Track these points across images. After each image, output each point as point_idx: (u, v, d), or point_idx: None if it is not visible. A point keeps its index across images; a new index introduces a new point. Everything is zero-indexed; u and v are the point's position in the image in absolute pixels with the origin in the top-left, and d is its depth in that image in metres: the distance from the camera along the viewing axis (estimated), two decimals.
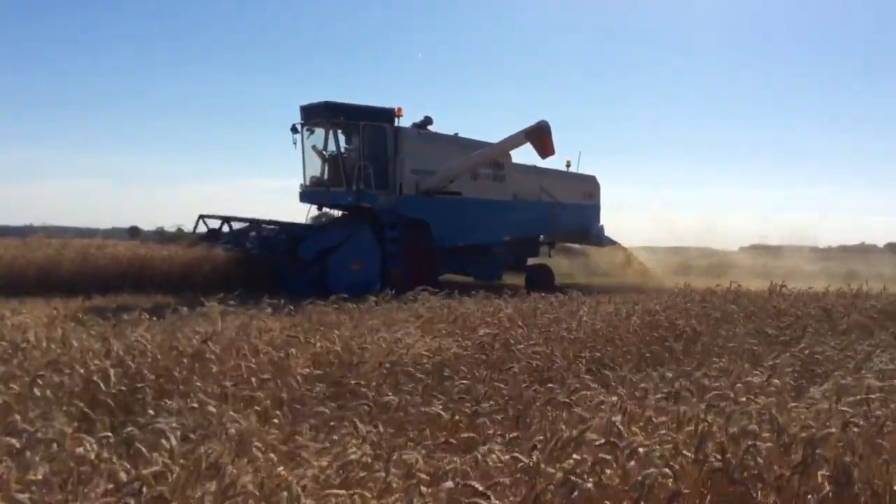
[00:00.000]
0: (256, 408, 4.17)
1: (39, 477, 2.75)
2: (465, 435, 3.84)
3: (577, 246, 24.50)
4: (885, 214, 78.43)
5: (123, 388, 4.54)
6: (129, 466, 2.89)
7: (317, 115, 18.00)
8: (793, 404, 3.77)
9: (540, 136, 17.95)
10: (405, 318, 8.16)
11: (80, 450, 2.96)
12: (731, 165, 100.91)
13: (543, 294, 10.73)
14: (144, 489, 2.62)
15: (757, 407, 3.56)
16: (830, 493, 2.91)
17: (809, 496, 2.91)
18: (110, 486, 2.71)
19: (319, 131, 18.26)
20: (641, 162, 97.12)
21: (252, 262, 16.29)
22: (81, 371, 4.59)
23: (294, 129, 18.03)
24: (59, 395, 4.24)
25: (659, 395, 4.19)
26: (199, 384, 4.67)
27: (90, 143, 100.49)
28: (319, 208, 19.07)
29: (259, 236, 17.37)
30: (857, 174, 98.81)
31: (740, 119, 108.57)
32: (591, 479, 2.69)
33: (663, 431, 3.19)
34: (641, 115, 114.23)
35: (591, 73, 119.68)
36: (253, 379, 4.89)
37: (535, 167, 20.83)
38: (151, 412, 4.15)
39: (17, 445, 3.03)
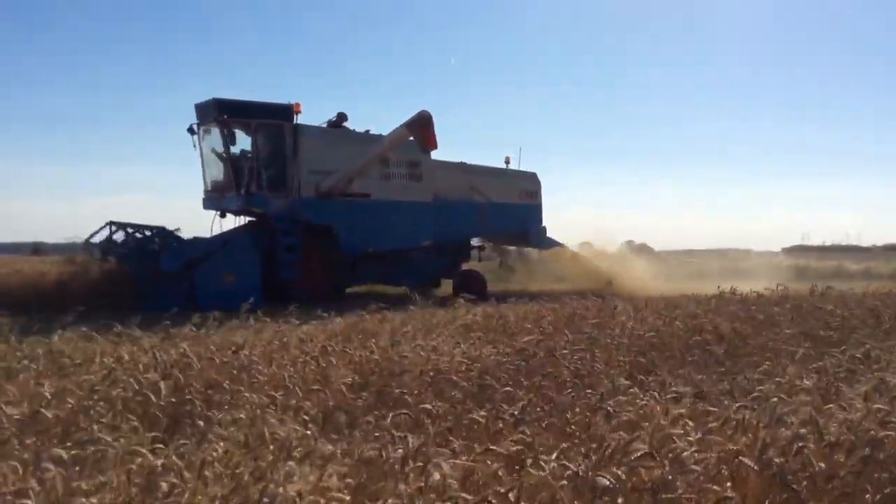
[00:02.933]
0: (305, 416, 4.22)
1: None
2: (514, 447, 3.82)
3: (530, 249, 22.70)
4: None
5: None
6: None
7: (207, 113, 16.63)
8: (841, 404, 3.70)
9: (421, 128, 16.71)
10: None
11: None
12: (769, 166, 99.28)
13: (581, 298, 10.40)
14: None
15: (806, 409, 3.51)
16: (885, 494, 2.86)
17: (867, 496, 2.86)
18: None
19: (216, 131, 16.82)
20: (661, 164, 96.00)
21: (118, 276, 14.68)
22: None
23: (191, 131, 16.85)
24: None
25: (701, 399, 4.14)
26: (246, 395, 4.74)
27: None
28: (222, 215, 17.30)
29: (126, 245, 15.46)
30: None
31: (768, 119, 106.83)
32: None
33: (712, 436, 3.15)
34: (666, 113, 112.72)
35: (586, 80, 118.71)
36: (297, 388, 4.96)
37: (462, 164, 19.59)
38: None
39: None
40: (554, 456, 3.08)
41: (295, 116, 16.83)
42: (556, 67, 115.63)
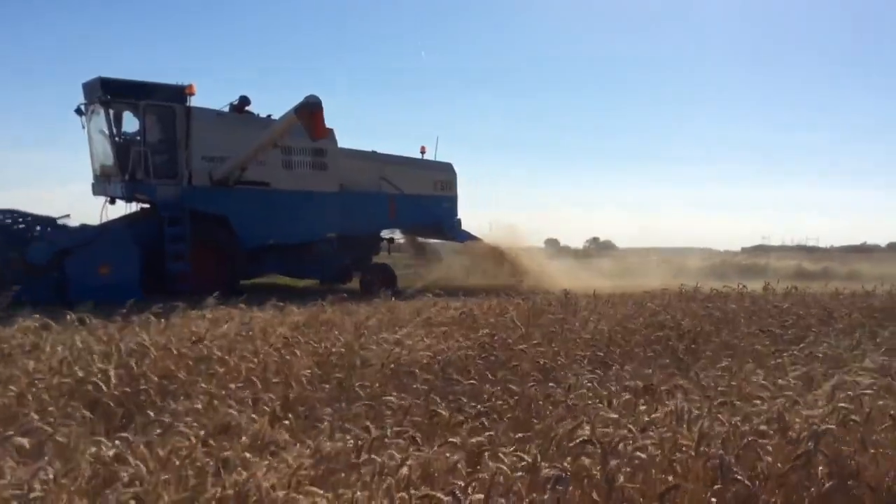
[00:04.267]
0: (265, 408, 4.17)
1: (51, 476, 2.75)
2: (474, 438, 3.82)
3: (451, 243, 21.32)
4: (888, 214, 78.53)
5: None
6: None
7: (93, 93, 15.48)
8: (794, 400, 3.77)
9: (309, 114, 15.54)
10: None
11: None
12: (725, 166, 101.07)
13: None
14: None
15: (759, 404, 3.58)
16: (829, 488, 2.92)
17: (812, 489, 2.92)
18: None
19: (103, 113, 15.55)
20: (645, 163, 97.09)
21: None
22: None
23: (78, 111, 15.81)
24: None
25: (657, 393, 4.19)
26: (203, 386, 4.68)
27: None
28: (112, 202, 16.13)
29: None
30: (859, 174, 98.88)
31: (737, 119, 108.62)
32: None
33: (663, 429, 3.20)
34: (654, 115, 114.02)
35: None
36: (256, 380, 4.91)
37: (373, 153, 18.81)
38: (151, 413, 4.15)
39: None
40: (512, 448, 3.09)
41: (188, 98, 15.77)
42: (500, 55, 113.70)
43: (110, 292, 9.11)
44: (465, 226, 20.47)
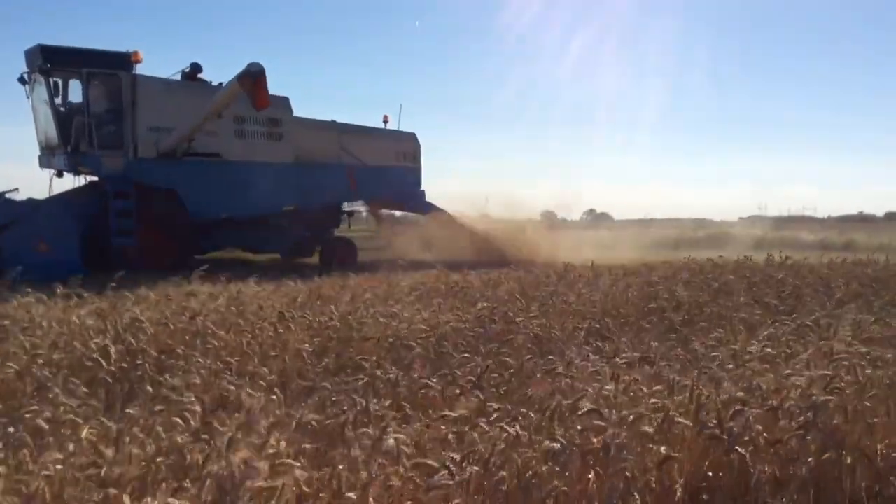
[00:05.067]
0: (261, 383, 4.18)
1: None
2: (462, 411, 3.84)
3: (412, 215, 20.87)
4: (884, 184, 78.52)
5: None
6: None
7: (34, 61, 14.81)
8: (786, 371, 3.80)
9: (251, 83, 14.85)
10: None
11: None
12: (728, 138, 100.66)
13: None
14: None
15: (749, 374, 3.60)
16: (823, 458, 2.95)
17: (809, 460, 2.95)
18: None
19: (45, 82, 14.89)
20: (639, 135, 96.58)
21: None
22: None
23: (22, 80, 15.21)
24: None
25: (653, 364, 4.21)
26: (200, 360, 4.69)
27: None
28: (59, 175, 15.69)
29: None
30: (856, 144, 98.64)
31: (733, 90, 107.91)
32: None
33: (654, 400, 3.22)
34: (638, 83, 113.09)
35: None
36: (254, 354, 4.93)
37: (332, 123, 18.13)
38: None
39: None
40: (506, 421, 3.10)
41: (134, 66, 15.09)
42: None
43: (49, 269, 8.74)
44: (437, 196, 19.86)
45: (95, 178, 15.49)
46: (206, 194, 15.43)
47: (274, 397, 3.88)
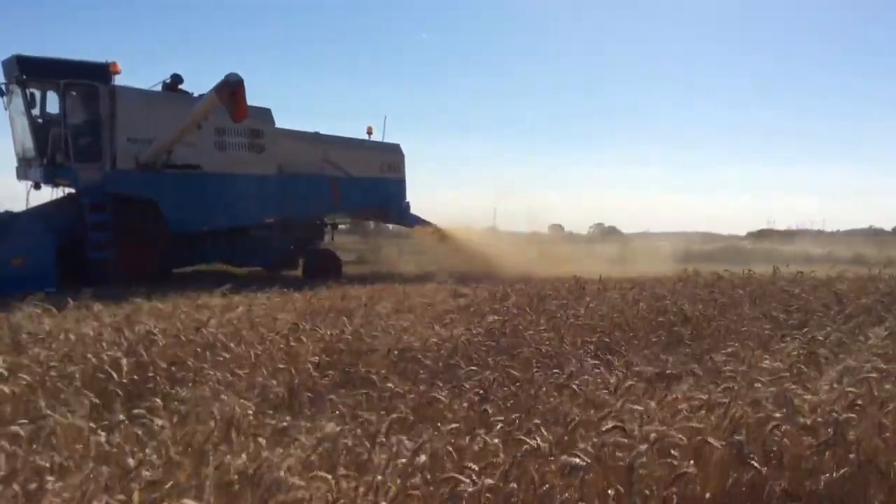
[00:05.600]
0: (270, 396, 4.18)
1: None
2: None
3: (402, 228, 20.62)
4: (893, 197, 78.21)
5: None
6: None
7: (11, 72, 14.65)
8: (806, 388, 3.77)
9: (229, 94, 14.50)
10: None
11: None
12: (734, 150, 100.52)
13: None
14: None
15: (772, 390, 3.57)
16: (844, 473, 2.93)
17: (825, 475, 2.92)
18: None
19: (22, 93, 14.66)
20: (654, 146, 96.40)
21: None
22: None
23: (0, 92, 14.92)
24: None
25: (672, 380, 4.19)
26: (210, 373, 4.69)
27: None
28: (37, 187, 15.39)
29: None
30: (862, 156, 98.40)
31: (740, 101, 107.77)
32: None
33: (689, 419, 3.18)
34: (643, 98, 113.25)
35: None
36: (264, 367, 4.93)
37: (316, 135, 18.00)
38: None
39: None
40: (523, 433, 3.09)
41: (112, 77, 14.87)
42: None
43: (23, 283, 8.59)
44: (423, 209, 19.62)
45: (73, 191, 15.25)
46: (186, 207, 15.25)
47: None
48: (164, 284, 8.83)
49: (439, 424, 3.62)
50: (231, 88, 14.50)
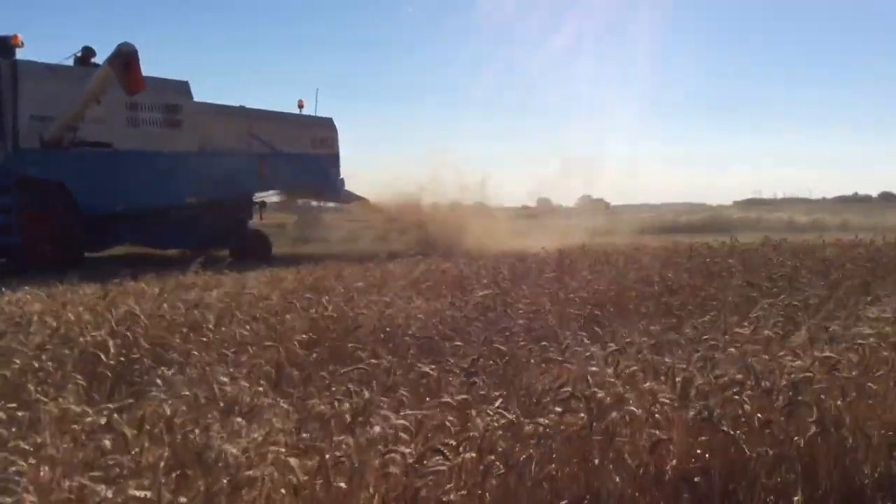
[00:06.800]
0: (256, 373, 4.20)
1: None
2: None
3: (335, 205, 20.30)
4: (881, 164, 78.59)
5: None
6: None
7: None
8: (781, 353, 3.83)
9: (122, 66, 13.65)
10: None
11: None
12: (721, 120, 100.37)
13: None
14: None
15: (740, 355, 3.63)
16: (818, 437, 2.99)
17: (796, 439, 2.98)
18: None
19: None
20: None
21: None
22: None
23: None
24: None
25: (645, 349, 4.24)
26: (196, 353, 4.71)
27: None
28: None
29: None
30: (851, 125, 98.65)
31: (725, 72, 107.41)
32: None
33: (648, 384, 3.24)
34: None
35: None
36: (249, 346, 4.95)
37: (241, 109, 17.28)
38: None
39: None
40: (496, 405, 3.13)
41: (14, 51, 14.12)
42: None
43: None
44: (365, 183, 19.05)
45: None
46: (97, 187, 14.43)
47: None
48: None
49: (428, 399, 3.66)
50: (123, 60, 13.67)
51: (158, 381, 3.84)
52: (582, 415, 2.87)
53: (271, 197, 18.66)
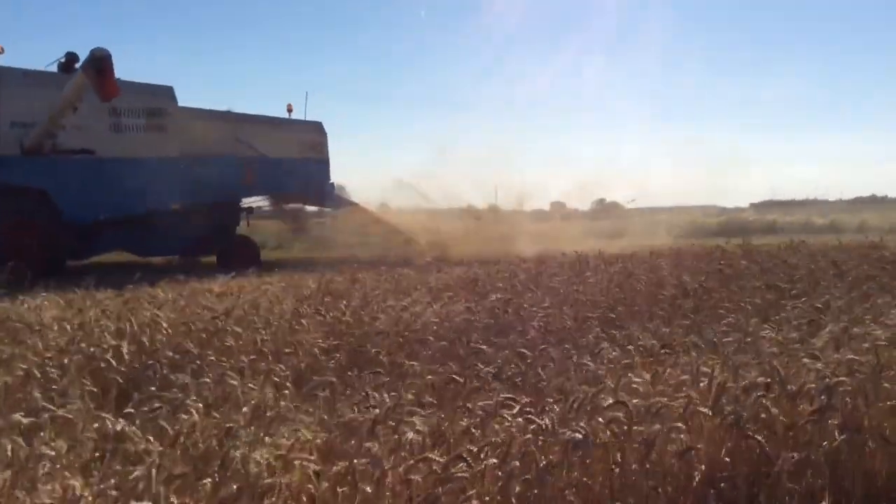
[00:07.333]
0: (276, 379, 4.19)
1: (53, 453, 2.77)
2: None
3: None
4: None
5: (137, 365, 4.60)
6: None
7: None
8: (803, 357, 3.78)
9: (95, 72, 13.38)
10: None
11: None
12: (735, 120, 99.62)
13: None
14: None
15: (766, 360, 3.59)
16: (843, 442, 2.94)
17: (824, 444, 2.94)
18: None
19: None
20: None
21: None
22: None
23: None
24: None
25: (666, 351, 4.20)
26: (213, 359, 4.71)
27: None
28: None
29: None
30: (864, 123, 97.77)
31: (737, 70, 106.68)
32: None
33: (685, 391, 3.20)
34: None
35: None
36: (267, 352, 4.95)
37: (227, 113, 17.10)
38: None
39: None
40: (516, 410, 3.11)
41: None
42: None
43: None
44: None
45: None
46: (80, 194, 14.33)
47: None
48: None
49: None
50: (96, 66, 13.46)
51: (181, 388, 3.82)
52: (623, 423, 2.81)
53: (260, 203, 18.46)
